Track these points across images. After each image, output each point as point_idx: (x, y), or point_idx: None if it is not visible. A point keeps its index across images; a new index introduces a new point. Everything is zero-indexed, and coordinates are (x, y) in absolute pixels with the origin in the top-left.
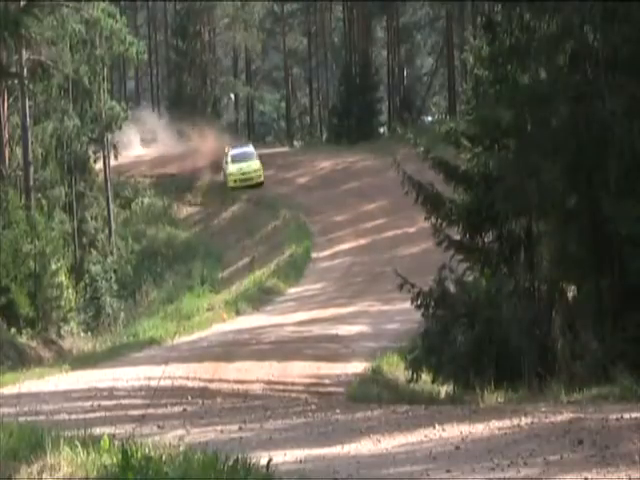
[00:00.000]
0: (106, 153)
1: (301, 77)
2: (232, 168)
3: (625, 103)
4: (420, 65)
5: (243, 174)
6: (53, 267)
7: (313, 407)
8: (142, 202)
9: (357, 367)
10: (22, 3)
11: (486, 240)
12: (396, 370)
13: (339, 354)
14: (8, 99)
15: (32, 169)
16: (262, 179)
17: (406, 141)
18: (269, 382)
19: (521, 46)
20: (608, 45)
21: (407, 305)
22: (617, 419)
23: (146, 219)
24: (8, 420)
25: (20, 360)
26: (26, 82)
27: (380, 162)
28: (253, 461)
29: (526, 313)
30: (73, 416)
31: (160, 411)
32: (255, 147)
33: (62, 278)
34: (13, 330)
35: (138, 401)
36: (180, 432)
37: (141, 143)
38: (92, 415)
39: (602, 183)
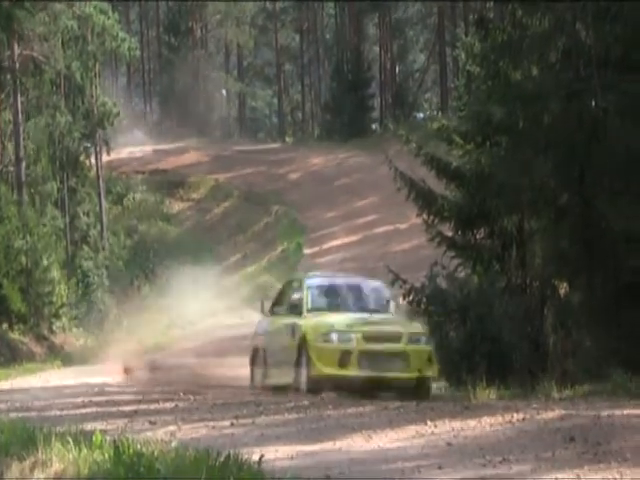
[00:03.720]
0: (98, 149)
1: (293, 73)
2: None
3: (617, 100)
4: (412, 61)
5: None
6: (45, 263)
7: (305, 403)
8: (134, 198)
9: None
10: None
11: (478, 237)
12: None
13: None
14: (0, 95)
15: (24, 165)
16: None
17: (398, 137)
18: None
19: (513, 43)
20: (600, 42)
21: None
22: (609, 416)
23: (138, 215)
24: None
25: (12, 356)
26: (18, 77)
27: (372, 159)
28: (245, 457)
29: (518, 310)
30: (65, 412)
31: (152, 407)
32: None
33: (54, 274)
34: (5, 326)
35: (129, 397)
36: (171, 428)
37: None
38: (84, 411)
39: (594, 180)
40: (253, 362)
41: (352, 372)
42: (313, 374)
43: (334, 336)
